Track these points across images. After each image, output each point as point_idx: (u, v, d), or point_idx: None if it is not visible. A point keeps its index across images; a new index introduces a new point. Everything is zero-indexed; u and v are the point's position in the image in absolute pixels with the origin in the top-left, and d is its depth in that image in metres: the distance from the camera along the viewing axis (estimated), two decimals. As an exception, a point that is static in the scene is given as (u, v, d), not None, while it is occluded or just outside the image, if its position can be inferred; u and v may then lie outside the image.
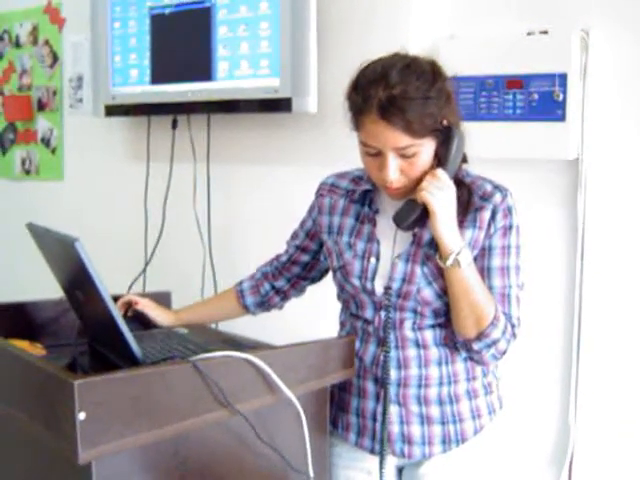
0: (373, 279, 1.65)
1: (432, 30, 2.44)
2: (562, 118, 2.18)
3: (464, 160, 1.63)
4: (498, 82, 2.27)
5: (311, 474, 1.57)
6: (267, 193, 2.95)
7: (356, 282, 1.67)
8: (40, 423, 1.35)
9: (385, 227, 1.67)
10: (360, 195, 1.72)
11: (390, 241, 1.66)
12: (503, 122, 2.27)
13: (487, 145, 2.20)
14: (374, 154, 1.55)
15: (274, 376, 1.47)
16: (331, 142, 2.62)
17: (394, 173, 1.54)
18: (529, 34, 2.23)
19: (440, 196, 1.53)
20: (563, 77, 2.16)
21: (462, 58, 2.28)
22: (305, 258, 1.87)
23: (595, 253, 2.26)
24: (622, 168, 2.22)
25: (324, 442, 1.68)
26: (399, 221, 1.58)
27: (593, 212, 2.25)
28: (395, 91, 1.48)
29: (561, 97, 2.17)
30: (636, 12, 2.16)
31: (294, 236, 1.90)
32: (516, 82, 2.23)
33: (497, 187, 1.62)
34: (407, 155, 1.53)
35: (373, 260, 1.66)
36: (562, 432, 2.36)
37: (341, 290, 1.75)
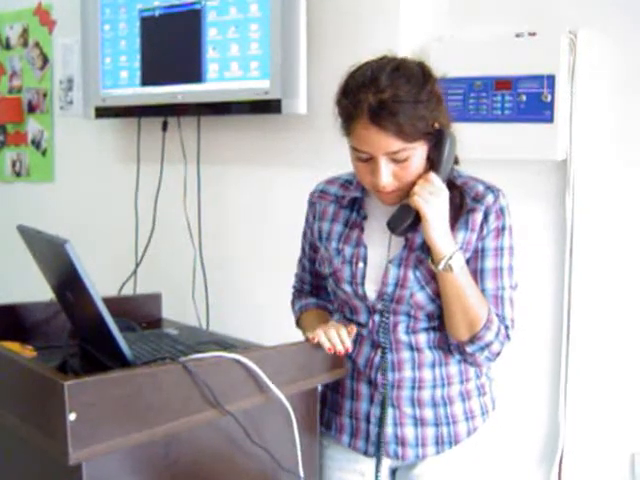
0: (363, 284, 1.65)
1: (421, 32, 2.45)
2: (550, 119, 2.19)
3: (455, 161, 1.62)
4: (487, 83, 2.28)
5: (301, 474, 1.57)
6: (257, 194, 2.96)
7: (347, 288, 1.66)
8: (31, 424, 1.35)
9: (375, 232, 1.67)
10: (349, 201, 1.71)
11: (380, 246, 1.65)
12: (492, 123, 2.29)
13: (476, 146, 2.19)
14: (366, 159, 1.54)
15: (264, 376, 1.47)
16: (321, 143, 2.63)
17: (387, 178, 1.53)
18: (517, 36, 2.24)
19: (433, 201, 1.52)
20: (551, 78, 2.18)
21: (451, 60, 2.29)
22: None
23: (583, 253, 2.28)
24: (610, 169, 2.23)
25: (314, 442, 1.68)
26: (393, 226, 1.57)
27: (581, 212, 2.27)
28: (385, 95, 1.46)
29: (549, 98, 2.18)
30: (623, 13, 2.17)
31: (303, 252, 1.87)
32: (505, 83, 2.25)
33: (489, 188, 1.61)
34: (399, 160, 1.51)
35: (361, 265, 1.65)
36: (552, 431, 2.37)
37: (334, 296, 1.75)
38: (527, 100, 2.21)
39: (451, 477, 1.71)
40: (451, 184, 1.59)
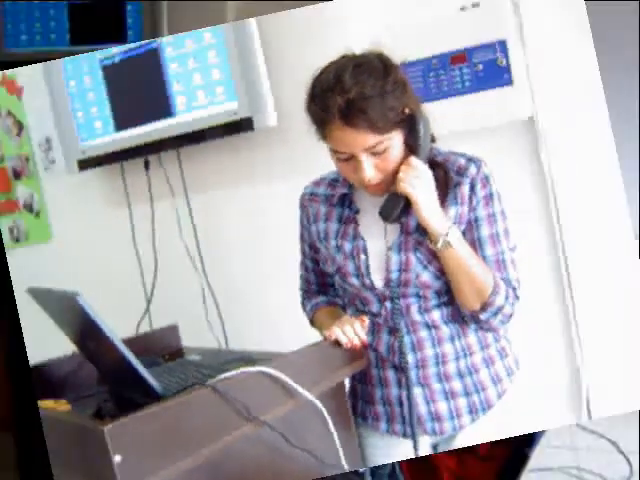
0: (369, 274, 1.68)
1: (369, 25, 2.46)
2: (510, 82, 2.22)
3: (432, 140, 1.64)
4: (442, 60, 2.30)
5: (345, 466, 1.59)
6: (247, 210, 3.00)
7: (355, 281, 1.69)
8: (79, 475, 1.36)
9: (369, 224, 1.69)
10: (339, 198, 1.74)
11: (378, 236, 1.68)
12: (455, 97, 2.31)
13: (445, 121, 2.23)
14: (346, 159, 1.56)
15: (291, 382, 1.49)
16: (296, 151, 2.68)
17: (370, 172, 1.55)
18: (462, 9, 2.26)
19: (419, 184, 1.55)
20: (503, 43, 2.21)
21: (403, 45, 2.28)
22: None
23: (566, 203, 2.31)
24: (577, 119, 2.25)
25: (350, 433, 1.70)
26: (386, 215, 1.60)
27: (557, 166, 2.29)
28: (352, 94, 1.48)
29: (504, 62, 2.21)
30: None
31: (303, 254, 1.89)
32: (459, 57, 2.27)
33: (470, 159, 1.64)
34: (378, 152, 1.54)
35: (363, 257, 1.68)
36: (573, 375, 2.40)
37: (344, 291, 1.78)
38: (484, 68, 2.23)
39: (491, 438, 1.74)
40: (433, 162, 1.62)
